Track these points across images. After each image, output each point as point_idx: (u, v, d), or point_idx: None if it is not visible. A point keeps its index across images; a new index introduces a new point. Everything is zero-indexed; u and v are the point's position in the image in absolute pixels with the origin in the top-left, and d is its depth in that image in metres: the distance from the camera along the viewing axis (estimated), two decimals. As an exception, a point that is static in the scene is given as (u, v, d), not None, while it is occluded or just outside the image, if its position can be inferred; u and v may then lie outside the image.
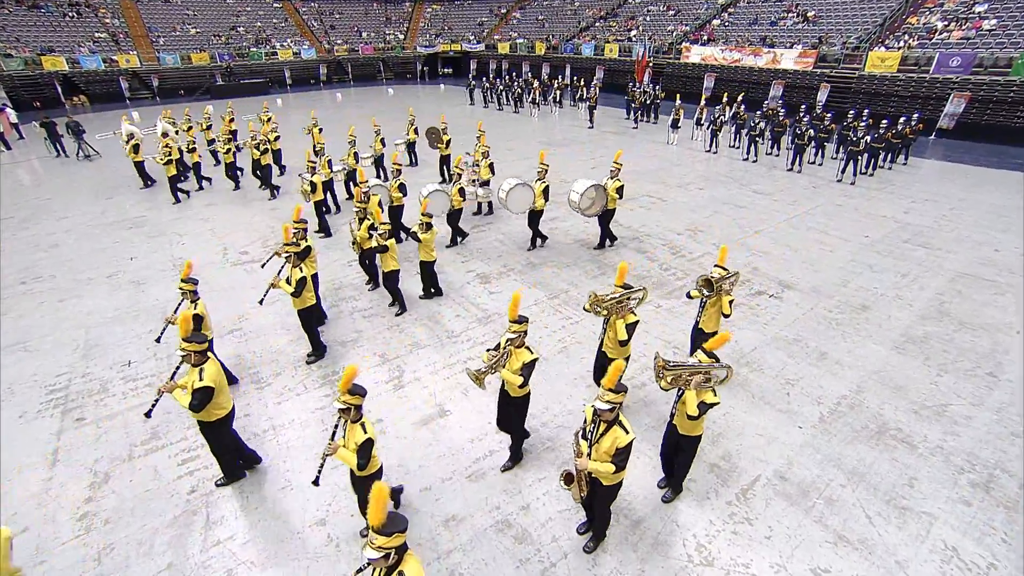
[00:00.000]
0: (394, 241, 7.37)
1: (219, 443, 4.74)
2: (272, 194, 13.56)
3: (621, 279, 5.34)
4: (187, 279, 5.63)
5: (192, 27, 36.41)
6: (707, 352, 4.20)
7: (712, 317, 5.83)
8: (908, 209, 12.31)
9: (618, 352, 5.39)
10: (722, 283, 5.63)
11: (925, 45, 21.28)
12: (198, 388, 4.29)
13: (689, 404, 4.07)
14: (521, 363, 4.46)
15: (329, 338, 7.29)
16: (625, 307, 5.28)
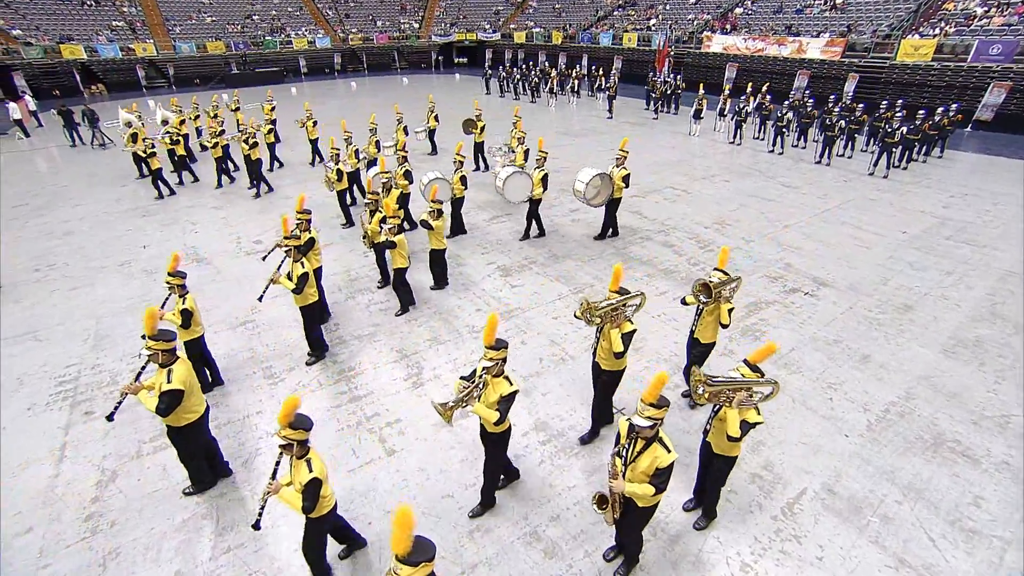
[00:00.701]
0: (404, 237, 6.91)
1: (187, 449, 4.38)
2: (257, 192, 12.61)
3: (616, 283, 4.64)
4: (174, 272, 5.28)
5: (208, 16, 36.31)
6: (750, 365, 3.78)
7: (709, 326, 5.24)
8: (947, 204, 11.71)
9: (613, 364, 4.80)
10: (721, 289, 4.99)
11: (963, 32, 20.34)
12: (166, 391, 3.93)
13: (731, 424, 3.63)
14: (499, 395, 3.82)
15: (345, 332, 7.02)
16: (621, 315, 4.60)
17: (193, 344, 5.59)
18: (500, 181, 9.48)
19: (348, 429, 5.34)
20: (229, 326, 7.22)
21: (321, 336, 6.46)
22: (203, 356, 5.78)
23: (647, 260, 9.00)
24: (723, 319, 5.06)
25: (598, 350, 4.86)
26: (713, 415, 3.94)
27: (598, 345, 4.83)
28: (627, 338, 4.58)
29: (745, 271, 8.65)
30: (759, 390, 3.78)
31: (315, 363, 6.38)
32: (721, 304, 5.04)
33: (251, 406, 5.71)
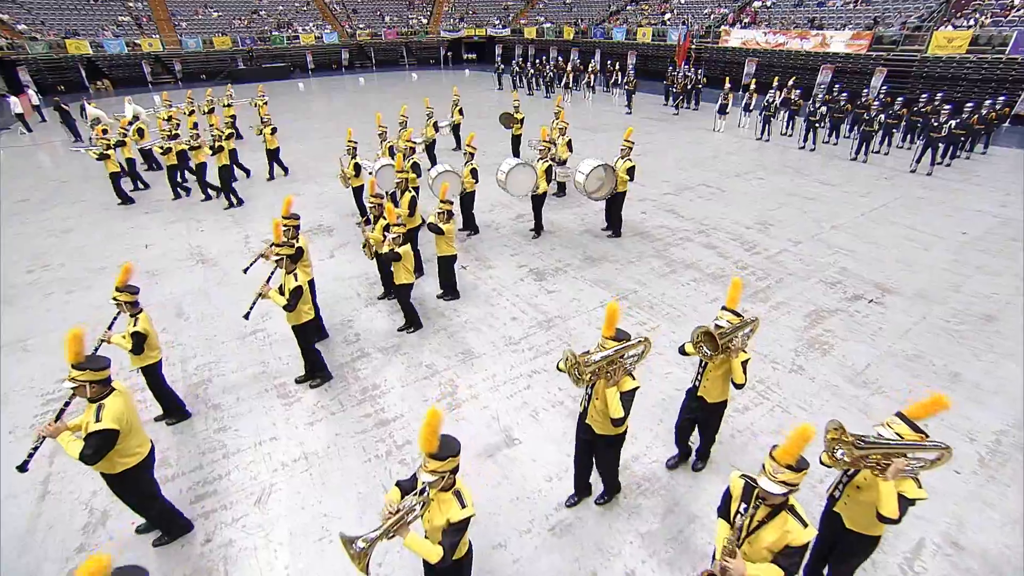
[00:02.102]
0: (409, 248, 6.00)
1: (136, 497, 3.66)
2: (229, 202, 11.09)
3: (610, 327, 3.41)
4: (124, 287, 4.48)
5: (214, 11, 35.72)
6: (908, 421, 2.91)
7: (716, 383, 3.99)
8: (1005, 203, 10.91)
9: (609, 429, 3.67)
10: (731, 339, 3.72)
11: (1000, 23, 19.46)
12: (94, 432, 3.19)
13: (885, 499, 2.74)
14: (446, 520, 2.65)
15: (367, 344, 6.32)
16: (619, 370, 3.39)
17: (149, 373, 4.83)
18: (502, 174, 8.70)
19: (376, 460, 4.63)
20: (237, 336, 6.52)
21: (321, 357, 5.60)
22: (159, 386, 4.98)
23: (691, 263, 8.26)
24: (736, 377, 3.81)
25: (590, 410, 3.70)
26: (847, 480, 3.08)
27: (589, 404, 3.69)
28: (628, 398, 3.41)
29: (799, 275, 7.91)
30: (923, 456, 2.89)
31: (320, 385, 5.58)
32: (732, 358, 3.79)
33: (264, 430, 5.01)
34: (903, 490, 2.79)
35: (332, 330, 6.62)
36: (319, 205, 11.10)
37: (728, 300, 3.91)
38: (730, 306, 3.87)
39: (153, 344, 4.72)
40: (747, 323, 3.85)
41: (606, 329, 3.44)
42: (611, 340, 3.42)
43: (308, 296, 5.16)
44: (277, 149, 12.78)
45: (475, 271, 8.03)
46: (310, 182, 12.67)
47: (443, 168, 8.68)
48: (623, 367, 3.42)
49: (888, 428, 2.93)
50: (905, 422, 2.91)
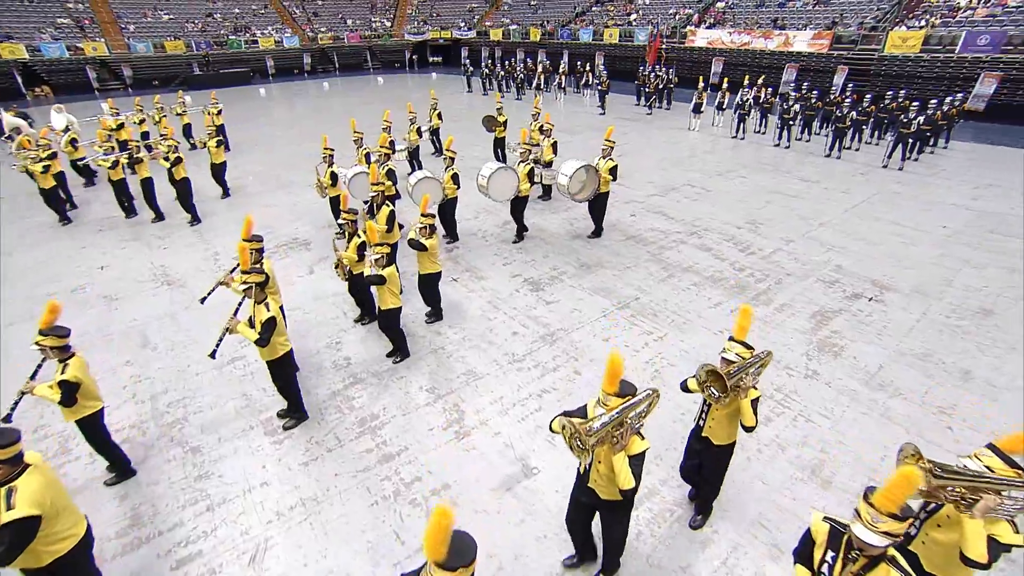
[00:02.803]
0: (394, 269, 5.42)
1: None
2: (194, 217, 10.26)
3: (613, 381, 2.85)
4: (50, 329, 3.82)
5: (164, 13, 34.00)
6: (1000, 454, 2.58)
7: (723, 423, 3.57)
8: (974, 196, 11.21)
9: (613, 494, 3.08)
10: (741, 379, 3.28)
11: (949, 24, 20.32)
12: (6, 524, 2.61)
13: (971, 540, 2.45)
14: None
15: (359, 368, 5.83)
16: (627, 432, 2.87)
17: (87, 426, 4.16)
18: (483, 179, 8.35)
19: (384, 502, 4.18)
20: (213, 365, 5.92)
21: (299, 393, 5.00)
22: (102, 440, 4.32)
23: (688, 267, 8.07)
24: (745, 419, 3.33)
25: (592, 473, 3.15)
26: (926, 516, 2.79)
27: (591, 468, 3.13)
28: (638, 462, 2.90)
29: (796, 275, 7.82)
30: (1016, 496, 2.52)
31: (293, 427, 4.99)
32: (739, 397, 3.33)
33: (253, 475, 4.48)
34: (996, 533, 2.48)
35: (319, 354, 6.10)
36: (293, 216, 10.46)
37: (736, 330, 3.44)
38: (739, 336, 3.42)
39: (90, 393, 4.06)
40: (758, 358, 3.42)
41: (608, 384, 2.86)
42: (615, 396, 2.87)
43: (282, 326, 4.61)
44: (223, 164, 11.43)
45: (467, 283, 7.62)
46: (281, 192, 11.98)
47: (422, 175, 8.25)
48: (631, 428, 2.88)
49: (976, 460, 2.62)
50: (997, 454, 2.59)
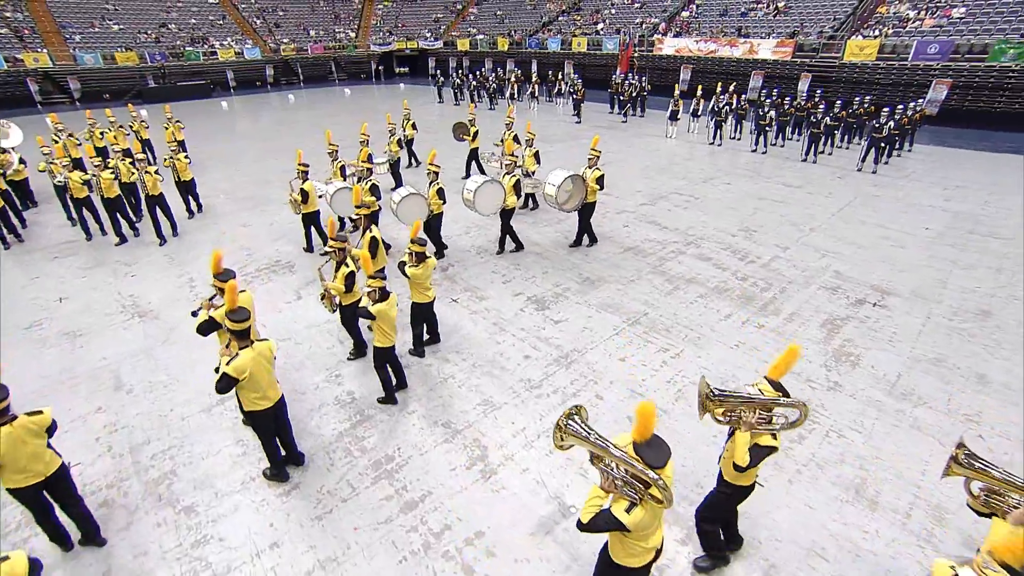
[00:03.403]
0: (387, 307, 4.81)
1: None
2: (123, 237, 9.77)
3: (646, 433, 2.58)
4: None
5: (113, 23, 32.41)
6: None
7: (729, 460, 3.35)
8: (947, 196, 11.61)
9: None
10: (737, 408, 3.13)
11: (900, 33, 21.31)
12: None
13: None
14: None
15: (363, 403, 5.38)
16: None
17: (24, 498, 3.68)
18: (470, 193, 8.16)
19: (414, 558, 3.77)
20: (201, 407, 5.37)
21: (277, 450, 4.42)
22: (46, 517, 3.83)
23: (691, 278, 7.95)
24: (736, 456, 3.15)
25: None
26: None
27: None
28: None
29: (798, 283, 7.80)
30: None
31: (274, 480, 4.45)
32: (740, 430, 3.13)
33: (260, 535, 3.99)
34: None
35: (319, 390, 5.62)
36: (272, 236, 9.87)
37: (772, 367, 3.20)
38: (772, 375, 3.20)
39: (20, 465, 3.52)
40: (792, 403, 3.09)
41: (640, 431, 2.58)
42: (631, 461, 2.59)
43: (261, 379, 4.01)
44: (193, 181, 10.69)
45: (468, 304, 7.26)
46: (255, 210, 11.33)
47: (407, 191, 7.91)
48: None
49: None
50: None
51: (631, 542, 2.72)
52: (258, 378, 3.99)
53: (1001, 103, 18.98)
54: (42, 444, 3.63)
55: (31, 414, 3.56)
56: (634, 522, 2.57)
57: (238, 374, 3.82)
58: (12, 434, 3.42)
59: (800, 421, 3.17)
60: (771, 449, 3.16)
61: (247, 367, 3.87)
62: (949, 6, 21.57)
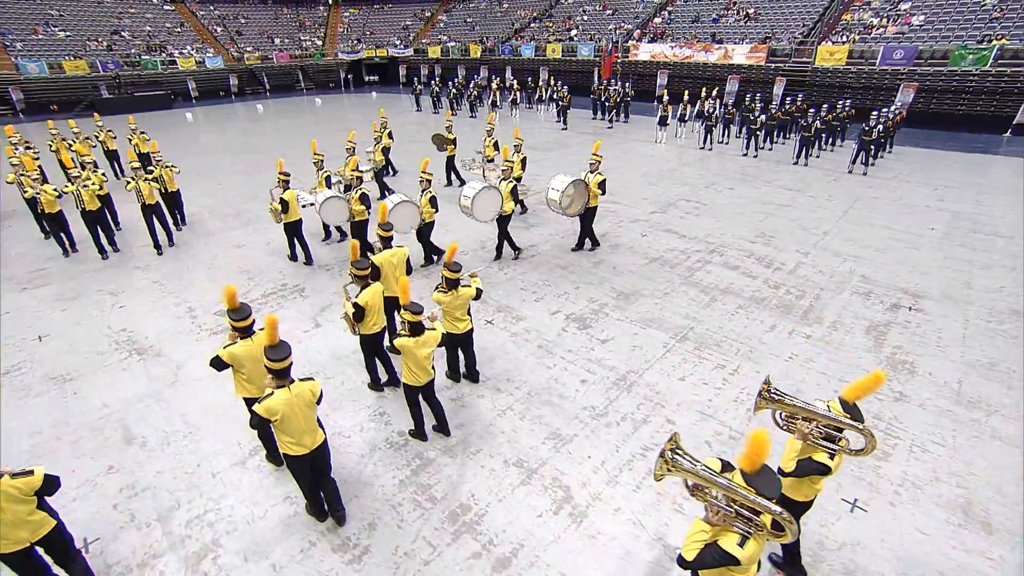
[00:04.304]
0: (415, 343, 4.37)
1: None
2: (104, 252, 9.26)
3: (758, 457, 2.48)
4: None
5: (60, 30, 30.40)
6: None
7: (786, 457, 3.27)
8: (940, 197, 11.93)
9: None
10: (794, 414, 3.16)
11: (867, 40, 22.15)
12: None
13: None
14: None
15: (423, 445, 4.88)
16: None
17: None
18: (467, 200, 8.10)
19: (524, 630, 3.33)
20: (234, 460, 4.75)
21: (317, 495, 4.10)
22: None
23: (725, 288, 7.76)
24: (783, 460, 3.20)
25: None
26: None
27: None
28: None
29: (830, 289, 7.73)
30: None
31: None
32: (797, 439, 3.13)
33: None
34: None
35: (364, 431, 5.07)
36: (272, 257, 9.17)
37: (849, 388, 3.09)
38: (846, 396, 3.08)
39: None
40: (852, 424, 2.97)
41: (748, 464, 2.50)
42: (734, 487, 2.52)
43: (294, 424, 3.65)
44: (178, 192, 10.34)
45: (505, 325, 6.83)
46: (248, 229, 10.57)
47: (399, 198, 7.75)
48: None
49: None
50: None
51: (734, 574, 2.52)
52: (291, 422, 3.62)
53: (964, 106, 19.93)
54: (28, 509, 3.17)
55: (18, 475, 3.07)
56: (748, 556, 2.45)
57: (269, 415, 3.52)
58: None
59: (866, 451, 3.08)
60: (823, 468, 3.05)
61: (278, 410, 3.53)
62: (909, 14, 22.59)
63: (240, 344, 4.08)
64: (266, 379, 3.66)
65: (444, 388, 5.61)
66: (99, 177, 9.23)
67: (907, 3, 23.14)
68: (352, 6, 43.34)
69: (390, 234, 6.02)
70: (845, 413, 3.04)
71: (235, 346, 4.07)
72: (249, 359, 4.12)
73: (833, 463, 3.04)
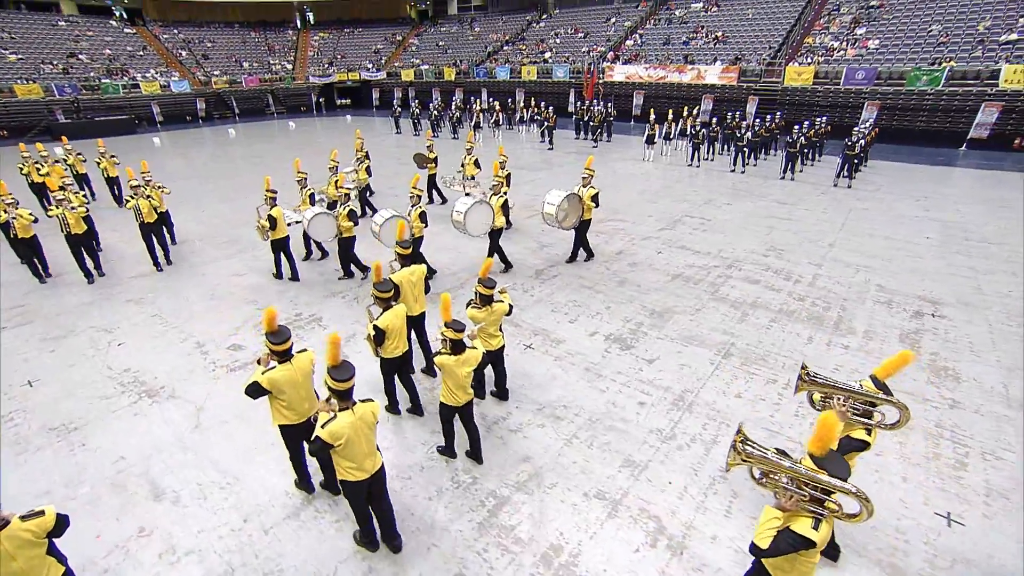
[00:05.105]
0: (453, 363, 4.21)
1: None
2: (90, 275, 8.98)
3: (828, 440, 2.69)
4: None
5: (9, 52, 28.90)
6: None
7: None
8: (925, 207, 12.48)
9: None
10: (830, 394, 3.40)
11: (830, 61, 23.41)
12: None
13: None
14: None
15: (494, 482, 4.54)
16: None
17: None
18: (459, 215, 8.36)
19: None
20: (288, 512, 4.30)
21: (372, 529, 3.94)
22: None
23: (753, 302, 7.77)
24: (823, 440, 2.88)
25: None
26: None
27: None
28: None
29: (853, 299, 7.84)
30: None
31: None
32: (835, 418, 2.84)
33: None
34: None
35: (425, 471, 4.70)
36: (278, 285, 8.69)
37: (880, 367, 3.42)
38: (878, 374, 3.39)
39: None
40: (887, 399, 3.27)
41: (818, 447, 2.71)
42: None
43: (357, 449, 3.51)
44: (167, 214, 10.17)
45: (546, 349, 6.59)
46: (245, 256, 10.02)
47: (389, 214, 8.05)
48: None
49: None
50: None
51: (804, 560, 2.62)
52: (355, 446, 3.47)
53: (922, 122, 21.19)
54: (39, 554, 2.86)
55: (29, 516, 2.79)
56: (823, 538, 2.55)
57: (333, 440, 3.35)
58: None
59: (900, 423, 3.36)
60: (863, 444, 3.29)
61: (344, 433, 3.37)
62: (865, 38, 24.04)
63: (279, 369, 3.88)
64: (321, 403, 3.56)
65: (500, 419, 5.30)
66: (81, 199, 9.08)
67: (862, 28, 24.67)
68: (322, 30, 43.06)
69: (409, 251, 5.84)
70: (877, 389, 3.33)
71: (274, 371, 3.87)
72: (289, 384, 3.93)
73: (871, 438, 3.32)
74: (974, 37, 21.26)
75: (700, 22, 29.08)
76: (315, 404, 4.17)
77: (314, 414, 4.02)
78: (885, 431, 3.29)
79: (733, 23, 28.11)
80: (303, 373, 4.05)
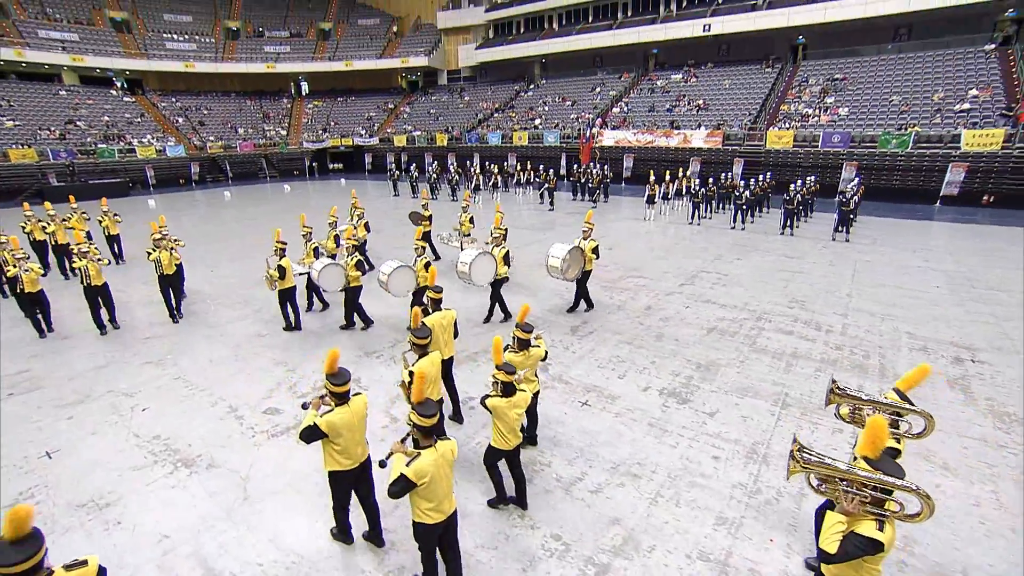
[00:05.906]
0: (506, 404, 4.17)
1: None
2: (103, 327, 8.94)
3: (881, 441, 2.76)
4: None
5: (7, 119, 29.11)
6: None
7: None
8: (924, 258, 12.99)
9: None
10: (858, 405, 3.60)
11: (807, 126, 25.13)
12: None
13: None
14: None
15: (570, 535, 4.22)
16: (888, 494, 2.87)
17: None
18: (464, 266, 8.67)
19: None
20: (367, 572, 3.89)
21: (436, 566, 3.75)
22: None
23: (793, 352, 7.78)
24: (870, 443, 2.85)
25: None
26: None
27: None
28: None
29: (889, 347, 7.93)
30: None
31: None
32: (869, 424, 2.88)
33: None
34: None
35: (510, 535, 4.36)
36: (306, 345, 8.40)
37: (902, 380, 3.64)
38: (901, 387, 3.62)
39: None
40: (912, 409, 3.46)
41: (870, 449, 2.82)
42: None
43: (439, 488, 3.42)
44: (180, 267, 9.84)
45: (603, 405, 6.40)
46: (262, 315, 9.74)
47: (396, 264, 8.33)
48: None
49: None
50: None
51: (869, 568, 2.63)
52: (438, 485, 3.35)
53: (897, 180, 22.57)
54: None
55: (72, 567, 2.64)
56: (889, 539, 2.56)
57: (418, 479, 3.24)
58: None
59: (926, 432, 3.50)
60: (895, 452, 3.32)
61: (428, 471, 3.27)
62: (836, 106, 26.02)
63: (337, 411, 3.81)
64: (396, 443, 3.44)
65: (576, 479, 5.03)
66: (95, 251, 9.09)
67: (831, 98, 26.75)
68: (316, 99, 44.76)
69: (440, 296, 5.78)
70: (901, 400, 3.55)
71: (332, 413, 3.79)
72: (347, 428, 3.85)
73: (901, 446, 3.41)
74: (931, 106, 23.19)
75: (681, 91, 31.16)
76: (366, 450, 4.12)
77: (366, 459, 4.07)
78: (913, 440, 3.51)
79: (712, 92, 30.18)
80: (359, 416, 3.97)
